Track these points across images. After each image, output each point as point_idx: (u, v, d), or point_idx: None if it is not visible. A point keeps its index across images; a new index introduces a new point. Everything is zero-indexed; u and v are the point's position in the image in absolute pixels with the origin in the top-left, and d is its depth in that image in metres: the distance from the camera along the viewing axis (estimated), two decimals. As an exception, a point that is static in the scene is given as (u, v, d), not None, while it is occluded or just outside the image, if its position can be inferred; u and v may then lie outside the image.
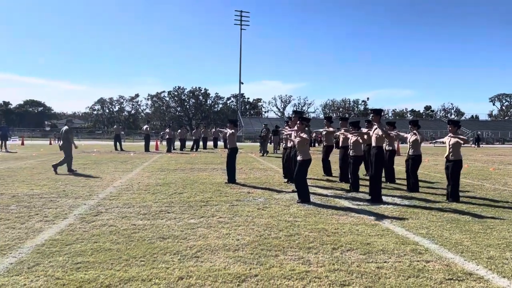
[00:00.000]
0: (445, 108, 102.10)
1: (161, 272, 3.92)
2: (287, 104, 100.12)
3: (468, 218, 6.58)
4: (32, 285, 3.57)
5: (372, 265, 4.20)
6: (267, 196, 8.39)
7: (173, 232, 5.47)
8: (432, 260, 4.40)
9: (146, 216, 6.42)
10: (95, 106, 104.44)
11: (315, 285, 3.66)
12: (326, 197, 8.48)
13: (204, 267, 4.09)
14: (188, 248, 4.74)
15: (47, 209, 6.90)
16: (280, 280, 3.76)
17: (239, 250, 4.66)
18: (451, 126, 8.32)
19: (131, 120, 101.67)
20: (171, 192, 8.76)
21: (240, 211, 6.83)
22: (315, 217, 6.43)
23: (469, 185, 10.56)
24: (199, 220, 6.16)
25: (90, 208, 6.98)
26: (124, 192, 8.70)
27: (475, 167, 16.50)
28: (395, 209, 7.23)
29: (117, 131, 27.42)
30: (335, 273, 3.95)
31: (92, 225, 5.82)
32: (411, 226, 5.97)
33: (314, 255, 4.52)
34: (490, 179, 12.06)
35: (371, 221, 6.26)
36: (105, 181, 10.55)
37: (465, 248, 4.86)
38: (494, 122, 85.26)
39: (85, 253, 4.52)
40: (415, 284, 3.71)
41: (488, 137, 66.09)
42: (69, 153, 12.73)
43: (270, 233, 5.44)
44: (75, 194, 8.43)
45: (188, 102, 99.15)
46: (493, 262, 4.35)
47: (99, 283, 3.64)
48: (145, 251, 4.61)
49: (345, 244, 4.94)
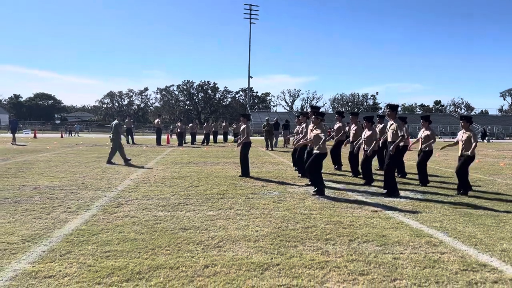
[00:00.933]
0: (455, 103, 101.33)
1: (187, 261, 4.11)
2: (296, 98, 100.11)
3: (481, 212, 6.69)
4: (67, 271, 3.78)
5: (389, 256, 4.35)
6: (281, 190, 8.56)
7: (193, 223, 5.66)
8: (447, 252, 4.54)
9: (166, 208, 6.62)
10: (104, 100, 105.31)
11: (335, 274, 3.82)
12: (339, 190, 8.63)
13: (227, 256, 4.28)
14: (210, 238, 4.93)
15: (69, 200, 7.14)
16: (302, 269, 3.93)
17: (259, 241, 4.84)
18: (463, 122, 8.39)
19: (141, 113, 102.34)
20: (187, 185, 8.96)
21: (256, 204, 7.01)
22: (330, 210, 6.59)
23: (480, 180, 10.63)
24: (217, 212, 6.35)
25: (110, 200, 7.20)
26: (142, 185, 8.92)
27: (486, 162, 16.51)
28: (408, 203, 7.36)
29: (128, 124, 27.69)
30: (353, 263, 4.11)
31: (115, 216, 6.04)
32: (425, 219, 6.11)
33: (332, 246, 4.69)
34: (501, 174, 12.11)
35: (385, 214, 6.40)
36: (121, 174, 10.78)
37: (478, 241, 4.99)
38: (504, 117, 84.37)
39: (111, 242, 4.72)
40: (431, 274, 3.86)
41: (499, 132, 65.52)
42: (116, 145, 13.58)
43: (287, 225, 5.61)
44: (95, 186, 8.67)
45: (197, 96, 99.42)
46: (506, 254, 4.48)
47: (129, 270, 3.84)
48: (169, 241, 4.80)
49: (361, 236, 5.10)
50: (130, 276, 3.68)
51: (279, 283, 3.58)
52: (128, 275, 3.72)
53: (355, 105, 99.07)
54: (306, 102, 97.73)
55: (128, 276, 3.69)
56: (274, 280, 3.65)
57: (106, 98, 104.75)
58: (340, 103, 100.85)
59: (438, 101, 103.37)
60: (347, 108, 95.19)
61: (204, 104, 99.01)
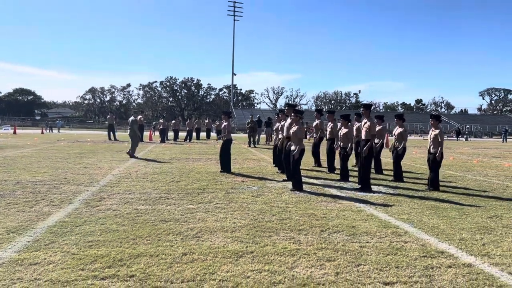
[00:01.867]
0: (436, 101, 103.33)
1: (166, 249, 4.36)
2: (280, 95, 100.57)
3: (447, 205, 7.10)
4: (52, 259, 3.99)
5: (356, 245, 4.67)
6: (260, 185, 8.85)
7: (173, 216, 5.90)
8: (410, 241, 4.89)
9: (147, 202, 6.84)
10: (86, 96, 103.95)
11: (305, 260, 4.12)
12: (316, 186, 8.96)
13: (205, 245, 4.54)
14: (189, 229, 5.18)
15: (52, 194, 7.28)
16: (274, 256, 4.22)
17: (235, 232, 5.11)
18: (433, 120, 8.81)
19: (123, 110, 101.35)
20: (169, 180, 9.17)
21: (235, 198, 7.28)
22: (305, 204, 6.91)
23: (452, 176, 11.11)
24: (197, 206, 6.60)
25: (93, 194, 7.37)
26: (124, 180, 9.09)
27: (460, 159, 17.12)
28: (380, 197, 7.73)
29: (111, 121, 27.66)
30: (322, 251, 4.42)
31: (97, 209, 6.23)
32: (394, 212, 6.47)
33: (304, 236, 4.99)
34: (473, 171, 12.64)
35: (357, 207, 6.75)
36: (103, 169, 10.92)
37: (440, 231, 5.36)
38: (483, 116, 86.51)
39: (94, 233, 4.93)
40: (393, 260, 4.19)
41: (477, 131, 67.16)
42: (135, 139, 14.59)
43: (263, 217, 5.90)
44: (77, 181, 8.81)
45: (180, 93, 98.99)
46: (463, 243, 4.86)
47: (111, 258, 4.06)
48: (150, 232, 5.04)
49: (332, 227, 5.42)
50: (112, 263, 3.91)
51: (252, 268, 3.86)
52: (110, 262, 3.94)
53: (338, 103, 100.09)
54: (290, 99, 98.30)
55: (110, 263, 3.92)
56: (247, 265, 3.93)
57: (88, 94, 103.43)
58: (323, 101, 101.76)
59: (419, 100, 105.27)
60: (330, 106, 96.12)
61: (187, 101, 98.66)
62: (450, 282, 3.64)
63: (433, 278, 3.74)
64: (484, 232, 5.37)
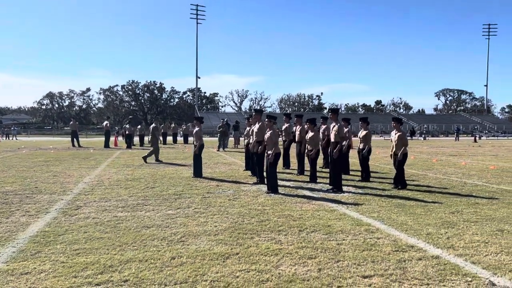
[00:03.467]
0: (395, 102, 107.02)
1: (154, 254, 4.50)
2: (244, 98, 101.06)
3: (413, 203, 7.57)
4: (42, 268, 4.05)
5: (333, 243, 4.99)
6: (235, 189, 9.06)
7: (154, 222, 6.02)
8: (382, 237, 5.26)
9: (125, 209, 6.90)
10: (43, 101, 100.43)
11: (288, 259, 4.38)
12: (289, 188, 9.28)
13: (191, 248, 4.71)
14: (173, 234, 5.33)
15: (26, 204, 7.20)
16: (258, 256, 4.46)
17: (218, 235, 5.31)
18: (394, 123, 9.35)
19: (83, 115, 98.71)
20: (143, 187, 9.22)
21: (213, 202, 7.46)
22: (281, 206, 7.19)
23: (414, 175, 11.74)
24: (176, 211, 6.73)
25: (68, 203, 7.34)
26: (97, 188, 9.06)
27: (420, 158, 17.99)
28: (351, 197, 8.13)
29: (74, 127, 27.00)
30: (303, 250, 4.69)
31: (76, 218, 6.25)
32: (365, 210, 6.86)
33: (284, 236, 5.26)
34: (433, 169, 13.38)
35: (330, 207, 7.09)
36: (73, 177, 10.78)
37: (409, 227, 5.77)
38: (439, 116, 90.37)
39: (79, 241, 4.99)
40: (368, 255, 4.53)
41: (434, 130, 70.10)
42: (156, 146, 15.44)
43: (243, 220, 6.12)
44: (49, 190, 8.70)
45: (143, 96, 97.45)
46: (430, 237, 5.27)
47: (101, 264, 4.17)
48: (134, 238, 5.15)
49: (309, 227, 5.71)
50: (103, 269, 4.02)
51: (239, 268, 4.07)
52: (102, 268, 4.05)
53: (301, 105, 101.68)
54: (254, 102, 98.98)
55: (102, 269, 4.03)
56: (235, 266, 4.15)
57: (45, 99, 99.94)
58: (287, 104, 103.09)
59: (379, 101, 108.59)
60: (294, 109, 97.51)
61: (150, 105, 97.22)
62: (421, 273, 4.00)
63: (406, 270, 4.09)
64: (447, 226, 5.83)
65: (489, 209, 7.04)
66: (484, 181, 10.57)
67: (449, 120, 78.74)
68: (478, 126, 72.73)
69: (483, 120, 78.20)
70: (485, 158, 18.18)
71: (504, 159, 17.92)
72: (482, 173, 12.25)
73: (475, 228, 5.75)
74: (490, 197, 8.16)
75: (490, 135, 62.13)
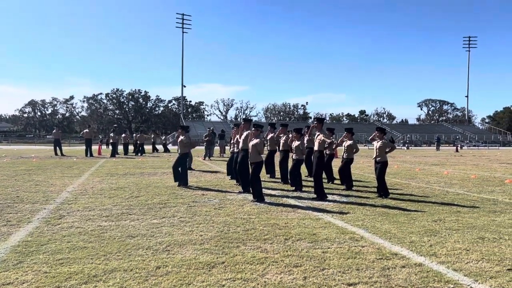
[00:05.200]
0: (378, 112, 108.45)
1: (139, 264, 4.47)
2: (230, 107, 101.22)
3: (396, 211, 7.67)
4: (24, 278, 3.98)
5: (319, 251, 5.02)
6: (221, 197, 9.05)
7: (139, 231, 5.97)
8: (366, 245, 5.32)
9: (109, 218, 6.82)
10: (25, 109, 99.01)
11: (274, 267, 4.40)
12: (275, 196, 9.31)
13: (176, 258, 4.69)
14: (158, 243, 5.30)
15: (7, 214, 7.07)
16: (244, 265, 4.46)
17: (204, 244, 5.30)
18: (378, 133, 9.50)
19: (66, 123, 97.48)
20: (127, 196, 9.13)
21: (198, 211, 7.44)
22: (267, 214, 7.21)
23: (398, 184, 11.90)
24: (161, 220, 6.69)
25: (51, 212, 7.23)
26: (81, 197, 8.94)
27: (403, 167, 18.24)
28: (335, 205, 8.19)
29: (57, 135, 26.66)
30: (288, 258, 4.72)
31: (59, 227, 6.16)
32: (349, 219, 6.93)
33: (270, 244, 5.28)
34: (416, 178, 13.57)
35: (315, 216, 7.14)
36: (56, 186, 10.63)
37: (392, 235, 5.85)
38: (421, 125, 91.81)
39: (62, 251, 4.92)
40: (353, 263, 4.57)
41: (417, 140, 71.13)
42: (189, 154, 14.77)
43: (229, 229, 6.12)
44: (31, 199, 8.55)
45: (127, 105, 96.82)
46: (413, 245, 5.35)
47: (85, 274, 4.12)
48: (119, 247, 5.10)
49: (295, 235, 5.74)
50: (87, 279, 3.97)
51: (225, 277, 4.07)
52: (85, 278, 4.00)
53: (286, 115, 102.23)
54: (240, 111, 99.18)
55: (86, 279, 3.98)
56: (221, 275, 4.14)
57: (27, 107, 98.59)
58: (272, 113, 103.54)
59: (362, 111, 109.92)
60: (279, 118, 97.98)
61: (135, 113, 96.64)
62: (405, 280, 4.06)
63: (390, 277, 4.14)
64: (430, 234, 5.92)
65: (471, 217, 7.18)
66: (466, 190, 10.77)
67: (431, 130, 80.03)
68: (459, 136, 74.07)
69: (465, 130, 79.69)
70: (467, 168, 18.53)
71: (484, 168, 18.29)
72: (464, 182, 12.48)
73: (457, 236, 5.86)
74: (472, 206, 8.32)
75: (471, 145, 63.32)
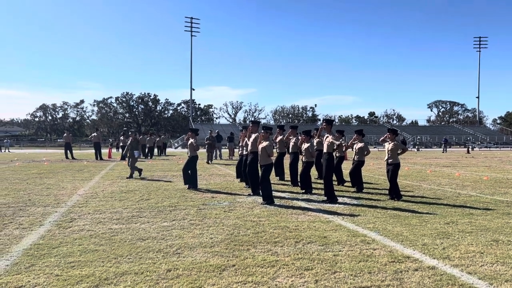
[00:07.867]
0: (388, 114, 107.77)
1: (150, 267, 4.47)
2: (238, 110, 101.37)
3: (408, 214, 7.59)
4: (36, 281, 4.00)
5: (330, 254, 4.98)
6: (230, 200, 9.04)
7: (150, 234, 5.98)
8: (378, 248, 5.26)
9: (120, 221, 6.85)
10: (36, 113, 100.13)
11: (284, 270, 4.37)
12: (284, 199, 9.27)
13: (187, 261, 4.68)
14: (168, 246, 5.30)
15: (19, 217, 7.13)
16: (255, 268, 4.44)
17: (214, 246, 5.28)
18: (390, 134, 9.41)
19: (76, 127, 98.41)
20: (138, 199, 9.16)
21: (208, 214, 7.43)
22: (277, 217, 7.17)
23: (409, 186, 11.78)
24: (171, 223, 6.70)
25: (62, 215, 7.28)
26: (91, 200, 8.99)
27: (414, 169, 18.07)
28: (346, 208, 8.13)
29: (67, 139, 26.88)
30: (299, 261, 4.68)
31: (70, 230, 6.19)
32: (360, 221, 6.87)
33: (280, 247, 5.25)
34: (427, 180, 13.44)
35: (326, 218, 7.09)
36: (67, 189, 10.70)
37: (404, 238, 5.78)
38: (432, 127, 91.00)
39: (73, 254, 4.94)
40: (365, 266, 4.52)
41: (427, 141, 70.51)
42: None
43: (239, 231, 6.10)
44: (43, 202, 8.62)
45: (137, 108, 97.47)
46: (426, 248, 5.28)
47: (97, 277, 4.13)
48: (130, 250, 5.11)
49: (305, 238, 5.70)
50: (98, 282, 3.98)
51: (236, 280, 4.05)
52: (97, 281, 4.01)
53: (295, 117, 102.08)
54: (248, 114, 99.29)
55: (97, 282, 3.99)
56: (232, 278, 4.12)
57: (39, 111, 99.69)
58: (281, 115, 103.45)
59: (372, 113, 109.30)
60: (288, 120, 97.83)
61: (144, 117, 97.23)
62: (418, 284, 4.00)
63: (402, 281, 4.09)
64: (443, 237, 5.85)
65: (484, 219, 7.07)
66: (478, 191, 10.63)
67: (442, 131, 79.25)
68: (470, 137, 73.27)
69: (475, 131, 78.80)
70: (479, 169, 18.31)
71: (497, 170, 18.05)
72: (476, 184, 12.33)
73: (470, 238, 5.77)
74: (485, 208, 8.20)
75: (482, 146, 62.61)
